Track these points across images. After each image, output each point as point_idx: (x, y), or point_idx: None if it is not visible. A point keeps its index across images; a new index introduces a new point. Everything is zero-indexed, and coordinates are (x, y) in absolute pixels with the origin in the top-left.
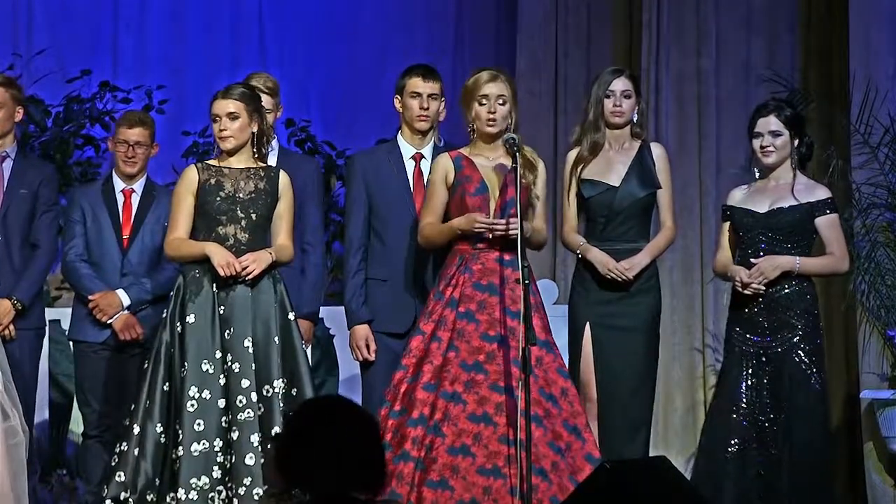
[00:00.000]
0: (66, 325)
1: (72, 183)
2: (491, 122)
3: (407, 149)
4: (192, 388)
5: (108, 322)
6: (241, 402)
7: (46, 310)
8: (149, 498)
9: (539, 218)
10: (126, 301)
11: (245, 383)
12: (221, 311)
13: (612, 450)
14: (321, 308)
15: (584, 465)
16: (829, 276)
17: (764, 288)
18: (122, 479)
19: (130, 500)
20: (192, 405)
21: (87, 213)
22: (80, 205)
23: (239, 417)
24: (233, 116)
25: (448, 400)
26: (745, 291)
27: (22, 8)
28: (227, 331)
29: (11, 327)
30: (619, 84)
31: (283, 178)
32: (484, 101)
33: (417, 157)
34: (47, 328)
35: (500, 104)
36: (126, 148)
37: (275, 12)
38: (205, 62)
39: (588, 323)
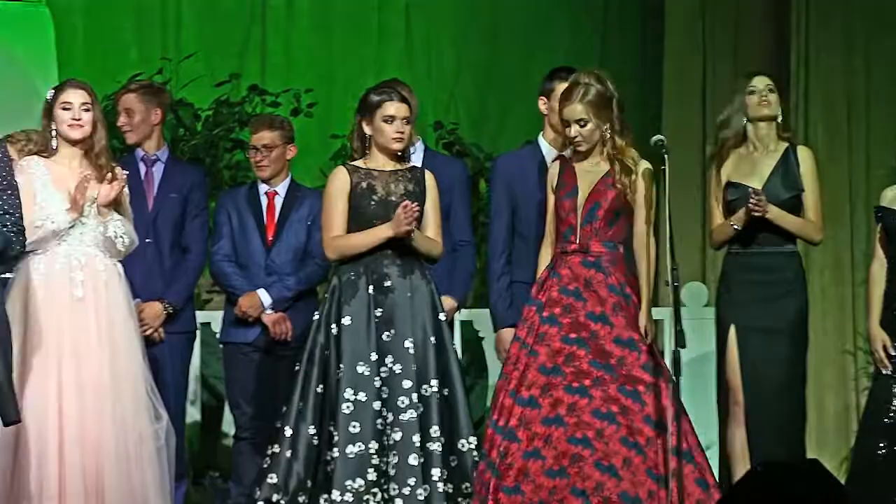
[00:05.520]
0: (216, 327)
1: (221, 186)
2: (579, 143)
3: (549, 151)
4: (348, 390)
5: (258, 320)
6: (402, 402)
7: (197, 313)
8: (300, 500)
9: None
10: (267, 300)
11: (407, 384)
12: (379, 314)
13: (761, 453)
14: (472, 311)
15: (669, 460)
16: None
17: None
18: (274, 480)
19: (282, 501)
20: (348, 407)
21: (232, 216)
22: (227, 207)
23: (401, 418)
24: (407, 121)
25: (524, 406)
26: None
27: (170, 13)
28: (387, 332)
29: (161, 330)
30: (760, 81)
31: (429, 177)
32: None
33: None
34: (198, 331)
35: (580, 126)
36: (255, 153)
37: (421, 14)
38: (352, 65)
39: (733, 325)
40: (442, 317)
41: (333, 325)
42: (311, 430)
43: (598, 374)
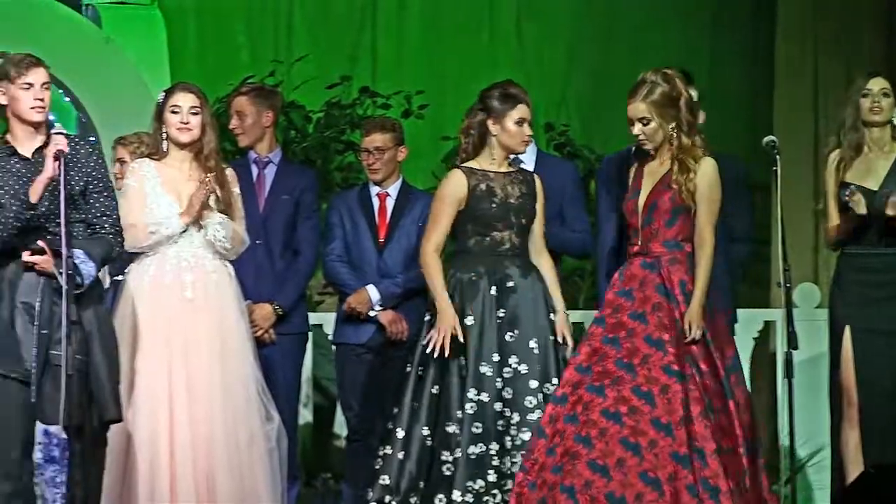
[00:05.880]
0: (328, 329)
1: (333, 188)
2: (643, 142)
3: None
4: (472, 390)
5: (372, 318)
6: (530, 403)
7: (309, 314)
8: (412, 500)
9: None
10: (376, 296)
11: (533, 384)
12: (501, 314)
13: (875, 455)
14: (584, 313)
15: (668, 463)
16: None
17: None
18: (387, 482)
19: (394, 502)
20: (472, 407)
21: (345, 218)
22: (339, 209)
23: (529, 418)
24: (645, 121)
25: (555, 403)
26: None
27: (282, 15)
28: (510, 333)
29: (271, 331)
30: (876, 83)
31: (538, 181)
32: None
33: None
34: (310, 333)
35: (643, 124)
36: (367, 155)
37: (532, 15)
38: (463, 66)
39: (848, 326)
40: (552, 317)
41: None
42: (425, 431)
43: (619, 373)
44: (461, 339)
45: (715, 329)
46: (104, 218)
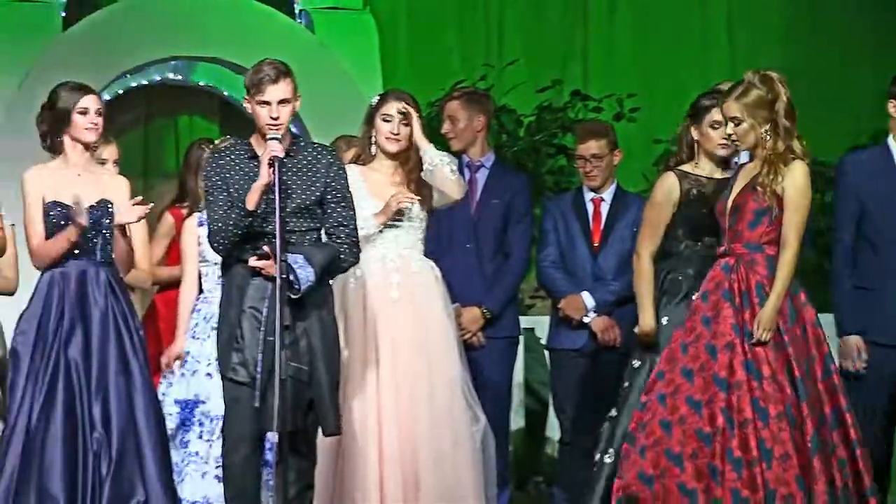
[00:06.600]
0: (539, 333)
1: (544, 192)
2: (734, 142)
3: None
4: None
5: (585, 324)
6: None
7: (521, 318)
8: None
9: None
10: (590, 303)
11: None
12: None
13: None
14: None
15: (706, 475)
16: None
17: None
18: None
19: None
20: None
21: (559, 223)
22: (553, 214)
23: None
24: (737, 121)
25: (657, 401)
26: None
27: (493, 19)
28: None
29: (480, 335)
30: None
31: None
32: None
33: None
34: (521, 337)
35: (735, 124)
36: (583, 162)
37: (744, 18)
38: (676, 69)
39: None
40: None
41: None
42: None
43: (679, 381)
44: None
45: (805, 335)
46: (340, 228)
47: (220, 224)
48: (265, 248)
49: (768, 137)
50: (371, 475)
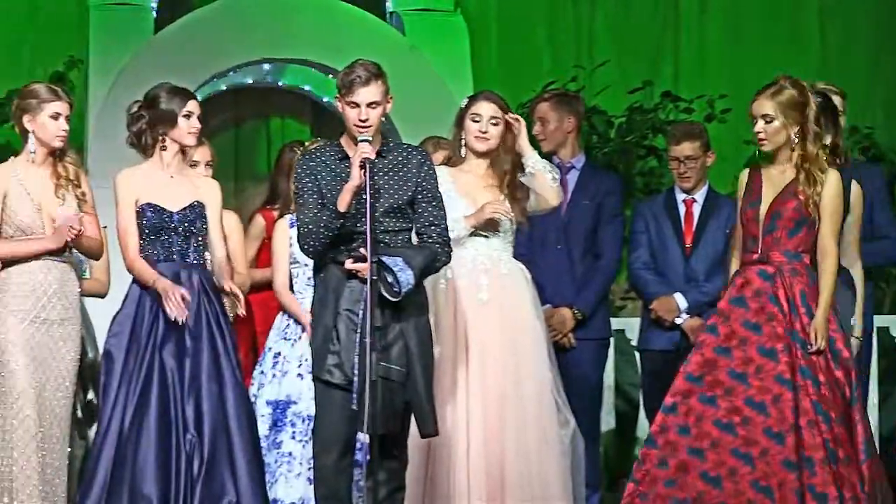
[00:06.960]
0: (630, 334)
1: (635, 193)
2: (763, 141)
3: None
4: None
5: (677, 326)
6: None
7: (612, 319)
8: None
9: None
10: (683, 304)
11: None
12: None
13: None
14: (887, 317)
15: (779, 470)
16: None
17: None
18: None
19: None
20: None
21: (650, 224)
22: (644, 216)
23: None
24: (769, 119)
25: (665, 413)
26: None
27: (583, 20)
28: None
29: (570, 336)
30: None
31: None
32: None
33: None
34: (612, 338)
35: (766, 122)
36: (677, 164)
37: (835, 16)
38: (766, 70)
39: None
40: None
41: None
42: None
43: (732, 384)
44: None
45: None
46: (432, 227)
47: (310, 226)
48: (361, 250)
49: (797, 140)
50: (460, 477)
